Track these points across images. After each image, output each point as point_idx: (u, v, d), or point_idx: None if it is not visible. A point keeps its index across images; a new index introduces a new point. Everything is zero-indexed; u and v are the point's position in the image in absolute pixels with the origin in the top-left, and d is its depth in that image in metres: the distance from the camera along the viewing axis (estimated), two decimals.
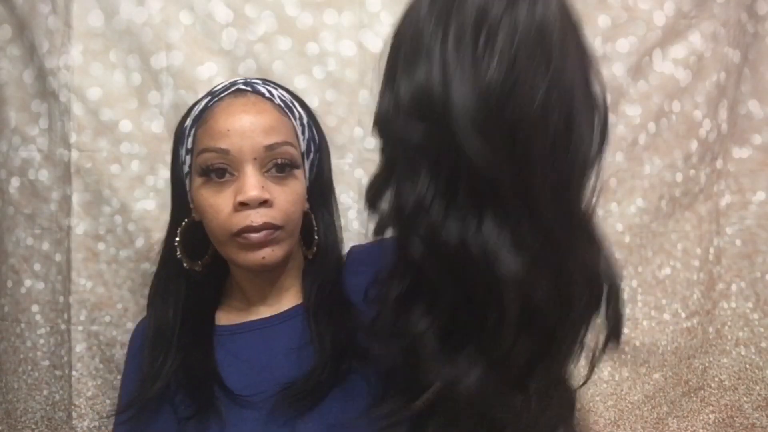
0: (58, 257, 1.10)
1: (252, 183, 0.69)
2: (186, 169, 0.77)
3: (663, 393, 1.19)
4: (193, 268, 0.81)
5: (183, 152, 0.77)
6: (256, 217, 0.70)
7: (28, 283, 1.11)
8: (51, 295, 1.11)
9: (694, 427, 1.22)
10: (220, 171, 0.71)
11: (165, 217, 1.09)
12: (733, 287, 1.23)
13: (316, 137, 0.81)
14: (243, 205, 0.70)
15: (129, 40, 1.07)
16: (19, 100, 1.09)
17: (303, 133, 0.77)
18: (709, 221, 1.21)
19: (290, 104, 0.77)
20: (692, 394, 1.22)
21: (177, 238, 0.80)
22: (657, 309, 1.19)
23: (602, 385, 1.17)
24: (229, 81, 0.78)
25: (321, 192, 0.82)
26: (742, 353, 1.23)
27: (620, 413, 1.18)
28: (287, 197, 0.73)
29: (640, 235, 1.18)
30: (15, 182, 1.10)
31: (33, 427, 1.12)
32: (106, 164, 1.08)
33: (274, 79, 1.08)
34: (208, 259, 0.82)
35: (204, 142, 0.73)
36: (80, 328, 1.09)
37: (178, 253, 0.80)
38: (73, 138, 1.07)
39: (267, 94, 0.76)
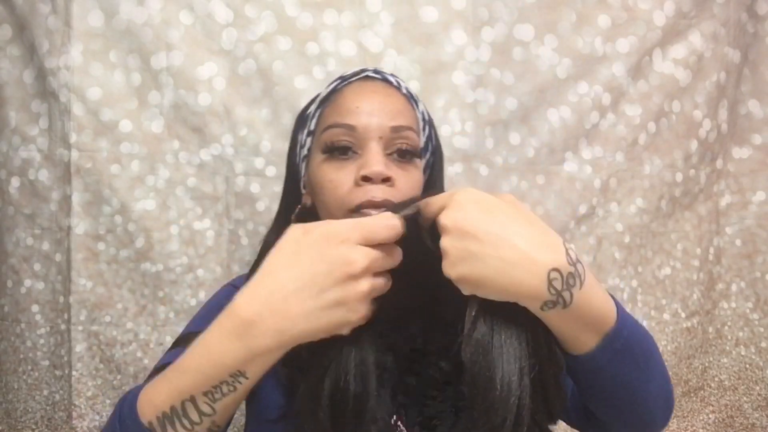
0: (58, 257, 1.10)
1: (377, 159, 0.68)
2: (305, 152, 0.76)
3: None
4: None
5: (303, 136, 0.77)
6: (378, 192, 0.67)
7: (28, 283, 1.11)
8: (51, 295, 1.11)
9: (694, 427, 1.22)
10: (344, 149, 0.70)
11: (165, 217, 1.10)
12: (733, 287, 1.24)
13: (434, 139, 0.80)
14: (365, 180, 0.68)
15: (129, 40, 1.07)
16: (19, 100, 1.09)
17: (423, 129, 0.77)
18: (709, 221, 1.21)
19: (415, 98, 0.78)
20: (692, 394, 1.22)
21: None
22: (657, 309, 1.19)
23: None
24: (360, 68, 0.78)
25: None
26: (742, 353, 1.23)
27: None
28: (407, 181, 0.71)
29: (640, 235, 1.18)
30: (15, 182, 1.10)
31: (33, 427, 1.12)
32: (106, 164, 1.08)
33: (274, 78, 1.08)
34: None
35: (331, 118, 0.72)
36: (80, 328, 1.09)
37: None
38: (73, 138, 1.07)
39: (394, 83, 0.76)
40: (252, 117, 1.09)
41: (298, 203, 0.79)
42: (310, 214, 0.75)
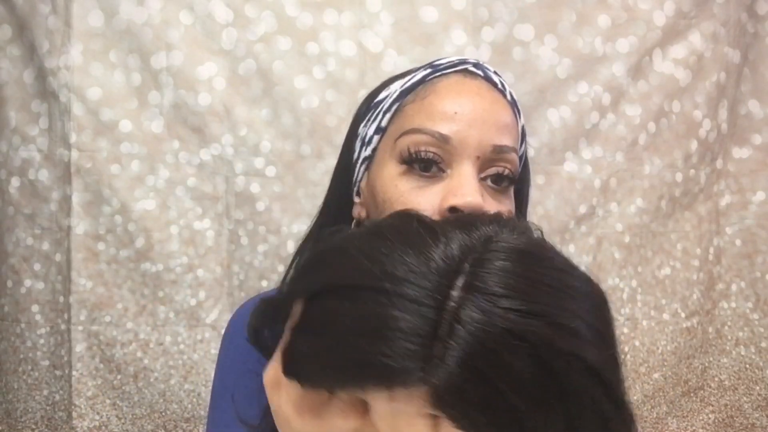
0: (58, 257, 1.10)
1: (473, 185, 0.52)
2: (368, 152, 0.60)
3: (662, 393, 1.19)
4: None
5: (370, 131, 0.60)
6: None
7: (28, 283, 1.11)
8: (51, 295, 1.11)
9: (694, 427, 1.22)
10: (428, 162, 0.54)
11: (165, 217, 1.10)
12: (733, 287, 1.23)
13: (524, 157, 0.64)
14: (453, 212, 0.52)
15: (129, 40, 1.07)
16: (19, 100, 1.09)
17: (521, 145, 0.61)
18: (709, 221, 1.21)
19: (519, 107, 0.61)
20: (692, 394, 1.22)
21: None
22: (657, 309, 1.19)
23: None
24: (457, 58, 0.61)
25: None
26: (742, 353, 1.23)
27: None
28: None
29: (640, 235, 1.18)
30: (15, 182, 1.10)
31: (33, 427, 1.12)
32: (106, 164, 1.08)
33: (274, 78, 1.08)
34: None
35: (417, 120, 0.55)
36: (80, 328, 1.09)
37: None
38: (73, 138, 1.07)
39: (499, 86, 0.59)
40: (252, 117, 1.09)
41: (347, 212, 0.63)
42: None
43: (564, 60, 1.12)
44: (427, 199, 0.53)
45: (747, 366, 1.23)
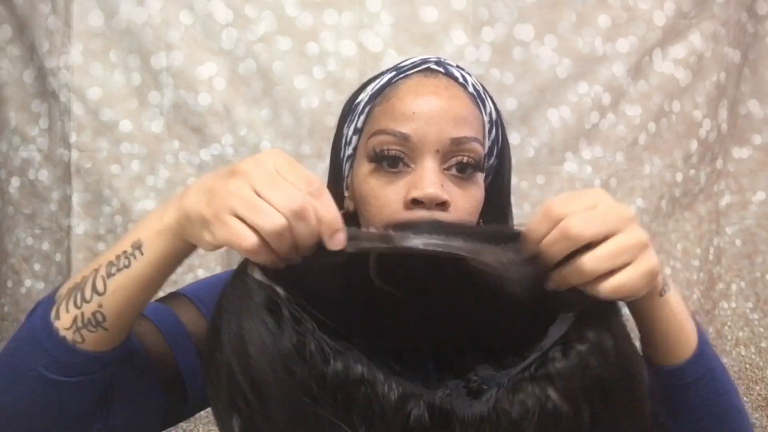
0: (58, 257, 1.10)
1: (432, 178, 0.58)
2: (350, 151, 0.66)
3: None
4: None
5: (350, 132, 0.66)
6: None
7: (28, 283, 1.11)
8: None
9: None
10: (394, 159, 0.60)
11: None
12: (733, 287, 1.24)
13: (500, 140, 0.69)
14: (416, 203, 0.58)
15: (129, 40, 1.07)
16: (19, 100, 1.09)
17: (490, 131, 0.66)
18: (709, 221, 1.21)
19: (483, 95, 0.66)
20: None
21: None
22: None
23: None
24: (419, 58, 0.66)
25: (496, 206, 0.69)
26: (742, 353, 1.23)
27: None
28: (466, 203, 0.61)
29: None
30: (15, 182, 1.10)
31: None
32: (106, 164, 1.08)
33: (274, 78, 1.08)
34: None
35: (382, 122, 0.61)
36: None
37: None
38: (73, 138, 1.07)
39: (461, 79, 0.64)
40: (252, 117, 1.09)
41: (339, 205, 0.67)
42: (354, 222, 0.65)
43: (564, 60, 1.12)
44: (394, 192, 0.60)
45: (747, 366, 1.23)
